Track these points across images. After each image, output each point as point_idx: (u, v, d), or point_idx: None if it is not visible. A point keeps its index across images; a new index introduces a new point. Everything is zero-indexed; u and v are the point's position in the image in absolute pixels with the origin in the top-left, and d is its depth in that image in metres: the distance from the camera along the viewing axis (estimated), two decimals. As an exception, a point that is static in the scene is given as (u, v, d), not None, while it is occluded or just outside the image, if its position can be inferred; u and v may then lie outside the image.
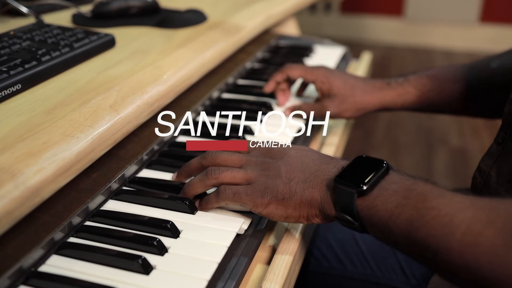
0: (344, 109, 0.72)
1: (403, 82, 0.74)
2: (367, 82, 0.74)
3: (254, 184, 0.49)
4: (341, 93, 0.71)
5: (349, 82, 0.72)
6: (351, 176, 0.45)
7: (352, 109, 0.72)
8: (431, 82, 0.73)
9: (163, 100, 0.61)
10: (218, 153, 0.52)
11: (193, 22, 0.85)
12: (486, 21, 3.31)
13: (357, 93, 0.72)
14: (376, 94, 0.73)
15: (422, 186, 0.42)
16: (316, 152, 0.52)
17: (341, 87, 0.72)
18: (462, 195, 0.40)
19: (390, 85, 0.74)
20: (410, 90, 0.73)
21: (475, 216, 0.37)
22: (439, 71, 0.75)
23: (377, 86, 0.73)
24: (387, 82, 0.74)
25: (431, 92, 0.73)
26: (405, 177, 0.44)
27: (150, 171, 0.58)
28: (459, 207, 0.38)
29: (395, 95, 0.73)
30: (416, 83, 0.73)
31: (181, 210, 0.51)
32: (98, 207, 0.51)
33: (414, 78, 0.74)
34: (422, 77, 0.74)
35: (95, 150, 0.48)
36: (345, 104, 0.71)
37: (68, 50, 0.64)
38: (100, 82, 0.59)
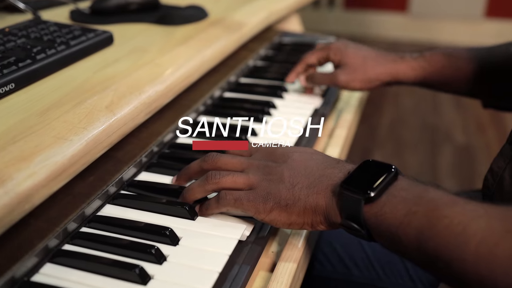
0: (354, 79, 0.72)
1: (418, 57, 0.74)
2: (380, 54, 0.74)
3: (256, 189, 0.46)
4: (352, 62, 0.72)
5: (361, 53, 0.73)
6: (358, 181, 0.43)
7: (362, 80, 0.72)
8: (446, 59, 0.73)
9: (161, 100, 0.59)
10: (219, 156, 0.50)
11: (194, 19, 0.83)
12: (491, 16, 3.28)
13: (368, 64, 0.72)
14: (388, 65, 0.73)
15: (433, 193, 0.39)
16: (321, 155, 0.50)
17: (353, 57, 0.72)
18: (475, 203, 0.37)
19: (403, 59, 0.74)
20: (423, 65, 0.73)
21: (490, 226, 0.35)
22: (455, 50, 0.74)
23: (390, 58, 0.74)
24: (400, 56, 0.74)
25: (445, 69, 0.73)
26: (415, 183, 0.42)
27: (149, 174, 0.56)
28: (472, 215, 0.36)
29: (407, 68, 0.73)
30: (430, 59, 0.73)
31: (181, 215, 0.48)
32: (94, 212, 0.49)
33: (429, 54, 0.74)
34: (437, 54, 0.74)
35: (89, 153, 0.46)
36: (356, 73, 0.72)
37: (64, 48, 0.62)
38: (96, 81, 0.57)
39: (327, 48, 0.75)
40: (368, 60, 0.73)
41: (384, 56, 0.74)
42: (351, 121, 0.80)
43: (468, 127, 2.33)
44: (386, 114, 2.45)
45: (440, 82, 0.74)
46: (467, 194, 0.70)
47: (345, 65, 0.73)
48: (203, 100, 0.71)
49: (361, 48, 0.75)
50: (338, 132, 0.75)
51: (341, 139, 0.73)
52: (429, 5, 3.36)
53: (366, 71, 0.72)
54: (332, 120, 0.80)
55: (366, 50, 0.75)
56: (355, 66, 0.72)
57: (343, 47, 0.74)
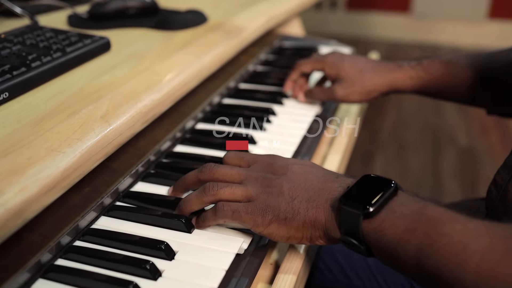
0: (352, 92, 0.71)
1: (416, 65, 0.73)
2: (377, 64, 0.73)
3: (254, 201, 0.45)
4: (349, 76, 0.71)
5: (357, 65, 0.72)
6: (357, 196, 0.42)
7: (361, 92, 0.71)
8: (444, 67, 0.72)
9: (158, 108, 0.57)
10: (217, 167, 0.49)
11: (193, 24, 0.82)
12: (495, 17, 3.26)
13: (365, 75, 0.71)
14: (385, 75, 0.71)
15: (433, 209, 0.38)
16: (321, 168, 0.49)
17: (349, 71, 0.71)
18: (476, 221, 0.36)
19: (401, 68, 0.72)
20: (421, 73, 0.72)
21: (491, 245, 0.34)
22: (453, 57, 0.73)
23: (387, 68, 0.72)
24: (398, 65, 0.73)
25: (443, 77, 0.72)
26: (415, 199, 0.41)
27: (146, 184, 0.55)
28: (473, 234, 0.35)
29: (405, 77, 0.72)
30: (428, 67, 0.72)
31: (177, 228, 0.47)
32: (89, 224, 0.48)
33: (427, 62, 0.73)
34: (435, 62, 0.72)
35: (83, 166, 0.45)
36: (354, 87, 0.71)
37: (60, 55, 0.61)
38: (92, 89, 0.55)
39: (322, 61, 0.74)
40: (365, 72, 0.71)
41: (381, 66, 0.73)
42: (351, 128, 0.79)
43: (471, 130, 2.31)
44: (388, 116, 2.44)
45: (438, 90, 0.73)
46: (471, 202, 0.68)
47: (342, 79, 0.72)
48: (202, 107, 0.70)
49: (357, 60, 0.73)
50: (339, 140, 0.74)
51: (341, 147, 0.72)
52: (432, 6, 3.34)
53: (364, 84, 0.71)
54: (332, 127, 0.79)
55: (362, 62, 0.73)
56: (352, 79, 0.71)
57: (339, 61, 0.73)
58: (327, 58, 0.74)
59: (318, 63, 0.75)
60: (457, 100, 0.75)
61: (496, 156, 2.10)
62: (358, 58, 0.74)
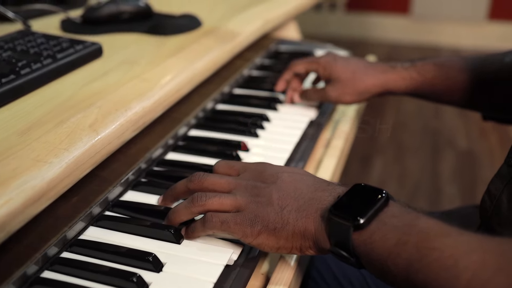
0: (344, 93, 0.71)
1: (409, 66, 0.73)
2: (370, 66, 0.73)
3: (243, 211, 0.45)
4: (342, 77, 0.71)
5: (350, 66, 0.72)
6: (347, 207, 0.41)
7: (353, 93, 0.71)
8: (437, 69, 0.71)
9: (149, 116, 0.57)
10: (206, 176, 0.48)
11: (187, 29, 0.81)
12: (494, 19, 3.25)
13: (358, 77, 0.71)
14: (377, 76, 0.71)
15: (425, 222, 0.38)
16: (311, 176, 0.48)
17: (342, 72, 0.71)
18: (469, 235, 0.36)
19: (394, 69, 0.72)
20: (414, 75, 0.72)
21: (483, 261, 0.33)
22: (447, 60, 0.73)
23: (380, 69, 0.72)
24: (391, 66, 0.73)
25: (436, 79, 0.71)
26: (407, 210, 0.40)
27: (136, 193, 0.54)
28: (465, 249, 0.34)
29: (398, 78, 0.72)
30: (421, 69, 0.72)
31: (166, 239, 0.47)
32: (77, 235, 0.47)
33: (421, 63, 0.72)
34: (429, 64, 0.72)
35: (70, 176, 0.44)
36: (345, 88, 0.71)
37: (50, 62, 0.61)
38: (82, 97, 0.55)
39: (316, 62, 0.74)
40: (357, 73, 0.71)
41: (373, 67, 0.73)
42: (348, 132, 0.78)
43: (470, 132, 2.30)
44: (387, 118, 2.43)
45: (432, 92, 0.73)
46: (467, 209, 0.68)
47: (335, 80, 0.72)
48: (195, 113, 0.69)
49: (351, 61, 0.73)
50: (335, 143, 0.73)
51: (337, 150, 0.71)
52: (432, 7, 3.33)
53: (355, 84, 0.71)
54: (328, 131, 0.79)
55: (356, 63, 0.73)
56: (344, 80, 0.71)
57: (332, 62, 0.73)
58: (321, 59, 0.74)
59: (311, 63, 0.75)
60: (453, 103, 0.75)
61: (495, 159, 2.09)
62: (351, 59, 0.74)
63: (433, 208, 1.80)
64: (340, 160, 0.72)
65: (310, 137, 0.70)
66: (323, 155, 0.71)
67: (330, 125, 0.80)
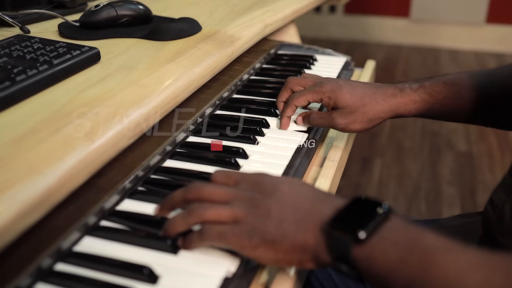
0: (353, 121, 0.67)
1: (418, 88, 0.69)
2: (377, 90, 0.69)
3: (241, 223, 0.44)
4: (349, 104, 0.67)
5: (357, 93, 0.67)
6: (347, 220, 0.40)
7: (362, 120, 0.67)
8: (448, 88, 0.69)
9: (146, 123, 0.56)
10: (203, 186, 0.47)
11: (186, 33, 0.80)
12: (493, 22, 3.25)
13: (366, 103, 0.67)
14: (387, 102, 0.68)
15: (428, 238, 0.37)
16: (311, 188, 0.47)
17: (348, 99, 0.67)
18: (472, 251, 0.35)
19: (403, 92, 0.69)
20: (424, 97, 0.68)
21: (487, 279, 0.33)
22: (456, 77, 0.70)
23: (388, 93, 0.68)
24: (400, 88, 0.69)
25: (447, 99, 0.68)
26: (408, 224, 0.39)
27: (133, 201, 0.53)
28: (468, 266, 0.34)
29: (408, 102, 0.68)
30: (431, 90, 0.69)
31: (162, 249, 0.46)
32: (72, 245, 0.46)
33: (430, 84, 0.69)
34: (438, 84, 0.69)
35: (64, 187, 0.44)
36: (355, 115, 0.67)
37: (46, 68, 0.60)
38: (77, 104, 0.54)
39: (319, 92, 0.68)
40: (366, 99, 0.67)
41: (381, 91, 0.68)
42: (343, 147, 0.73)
43: (469, 134, 2.30)
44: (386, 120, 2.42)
45: (441, 112, 0.70)
46: (468, 217, 0.67)
47: (342, 108, 0.67)
48: (193, 119, 0.68)
49: (356, 86, 0.69)
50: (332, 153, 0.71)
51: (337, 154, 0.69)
52: (431, 10, 3.33)
53: (366, 112, 0.67)
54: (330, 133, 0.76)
55: (361, 88, 0.68)
56: (353, 108, 0.67)
57: (337, 89, 0.68)
58: (323, 87, 0.69)
59: (314, 94, 0.69)
60: (458, 120, 0.73)
61: (495, 161, 2.08)
62: (356, 84, 0.70)
63: (433, 210, 1.80)
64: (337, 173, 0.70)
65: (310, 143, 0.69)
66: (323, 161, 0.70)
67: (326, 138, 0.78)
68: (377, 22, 3.47)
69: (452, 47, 3.35)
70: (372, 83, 0.71)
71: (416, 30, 3.39)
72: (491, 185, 1.92)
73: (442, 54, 3.29)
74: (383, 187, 1.94)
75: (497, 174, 1.99)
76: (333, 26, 3.54)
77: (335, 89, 0.68)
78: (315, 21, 3.54)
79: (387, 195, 1.89)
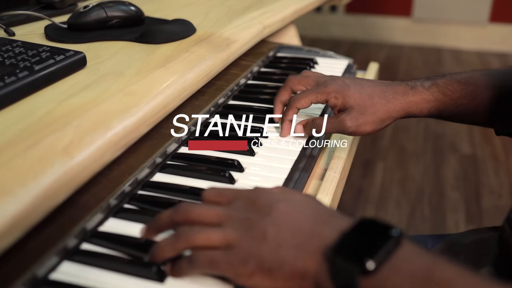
0: (364, 122, 0.62)
1: (431, 86, 0.64)
2: (387, 88, 0.64)
3: (234, 248, 0.40)
4: (358, 104, 0.62)
5: (365, 91, 0.62)
6: (353, 246, 0.36)
7: (373, 121, 0.62)
8: (463, 87, 0.64)
9: (132, 135, 0.52)
10: (193, 207, 0.43)
11: (179, 36, 0.76)
12: (496, 21, 3.20)
13: (376, 102, 0.62)
14: (399, 100, 0.63)
15: (445, 269, 0.33)
16: (311, 205, 0.43)
17: (358, 98, 0.62)
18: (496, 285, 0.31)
19: (415, 90, 0.64)
20: (438, 95, 0.64)
21: None
22: (471, 76, 0.65)
23: (399, 91, 0.63)
24: (411, 86, 0.64)
25: (462, 99, 0.64)
26: (422, 252, 0.35)
27: (118, 221, 0.49)
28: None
29: (421, 100, 0.64)
30: (445, 88, 0.64)
31: (147, 277, 0.42)
32: (48, 273, 0.42)
33: (443, 82, 0.64)
34: (452, 82, 0.64)
35: (39, 209, 0.39)
36: (365, 115, 0.62)
37: (26, 74, 0.56)
38: (58, 114, 0.50)
39: (324, 92, 0.63)
40: (376, 98, 0.62)
41: (391, 89, 0.64)
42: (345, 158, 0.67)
43: (473, 136, 2.25)
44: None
45: (455, 113, 0.65)
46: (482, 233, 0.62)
47: (351, 109, 0.62)
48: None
49: (364, 85, 0.64)
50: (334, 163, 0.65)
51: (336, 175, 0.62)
52: (433, 9, 3.29)
53: (376, 111, 0.62)
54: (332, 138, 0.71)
55: (370, 86, 0.64)
56: (362, 108, 0.62)
57: (344, 88, 0.62)
58: (328, 87, 0.63)
59: (318, 95, 0.63)
60: (472, 122, 0.68)
61: (500, 164, 2.04)
62: (364, 82, 0.65)
63: (436, 215, 1.75)
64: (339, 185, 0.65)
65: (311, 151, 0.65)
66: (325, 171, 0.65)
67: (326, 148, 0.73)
68: (379, 22, 3.42)
69: (455, 47, 3.31)
70: (380, 81, 0.67)
71: (418, 29, 3.35)
72: (496, 189, 1.88)
73: (445, 54, 3.24)
74: (386, 191, 1.90)
75: (502, 178, 1.94)
76: (334, 26, 3.50)
77: (342, 89, 0.63)
78: (315, 20, 3.49)
79: (389, 199, 1.85)
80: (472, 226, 1.69)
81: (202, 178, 0.56)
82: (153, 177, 0.56)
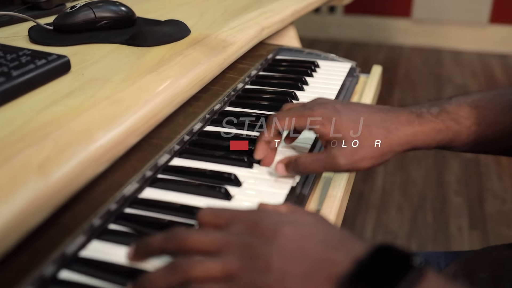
0: (361, 158, 0.52)
1: (439, 113, 0.55)
2: (387, 116, 0.54)
3: (235, 280, 0.35)
4: (352, 135, 0.52)
5: (361, 119, 0.53)
6: (370, 277, 0.31)
7: (372, 156, 0.52)
8: (475, 112, 0.55)
9: (118, 148, 0.47)
10: (187, 233, 0.38)
11: (172, 37, 0.71)
12: (496, 22, 3.17)
13: (375, 133, 0.52)
14: (402, 131, 0.53)
15: None
16: (321, 227, 0.38)
17: (352, 127, 0.52)
18: None
19: (422, 118, 0.54)
20: (450, 124, 0.54)
21: None
22: (480, 98, 0.56)
23: (403, 120, 0.54)
24: (417, 113, 0.54)
25: (476, 125, 0.54)
26: (447, 283, 0.31)
27: (102, 243, 0.44)
28: None
29: (430, 131, 0.54)
30: (456, 115, 0.55)
31: (133, 312, 0.37)
32: (21, 305, 0.37)
33: (453, 108, 0.55)
34: (463, 106, 0.55)
35: (9, 237, 0.35)
36: (361, 150, 0.52)
37: (3, 81, 0.51)
38: (36, 125, 0.45)
39: (309, 114, 0.53)
40: (374, 128, 0.52)
41: (393, 117, 0.54)
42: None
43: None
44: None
45: (470, 142, 0.56)
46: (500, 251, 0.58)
47: (343, 141, 0.52)
48: (179, 137, 0.59)
49: (359, 111, 0.54)
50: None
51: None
52: (433, 10, 3.25)
53: (375, 145, 0.52)
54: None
55: (367, 113, 0.54)
56: (357, 140, 0.52)
57: (334, 115, 0.53)
58: (315, 111, 0.53)
59: (302, 117, 0.54)
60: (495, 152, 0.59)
61: (503, 168, 2.00)
62: (358, 108, 0.55)
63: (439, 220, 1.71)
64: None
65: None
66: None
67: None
68: (378, 22, 3.38)
69: (455, 48, 3.27)
70: (378, 106, 0.57)
71: (418, 30, 3.31)
72: (500, 193, 1.84)
73: (445, 55, 3.21)
74: (387, 196, 1.86)
75: (506, 182, 1.90)
76: (332, 27, 3.45)
77: (332, 115, 0.53)
78: (314, 21, 3.45)
79: (391, 204, 1.81)
80: (475, 232, 1.64)
81: (196, 193, 0.51)
82: (142, 193, 0.51)
